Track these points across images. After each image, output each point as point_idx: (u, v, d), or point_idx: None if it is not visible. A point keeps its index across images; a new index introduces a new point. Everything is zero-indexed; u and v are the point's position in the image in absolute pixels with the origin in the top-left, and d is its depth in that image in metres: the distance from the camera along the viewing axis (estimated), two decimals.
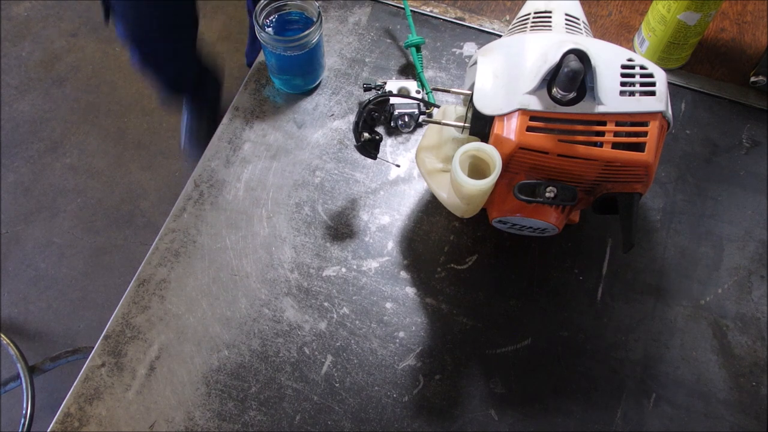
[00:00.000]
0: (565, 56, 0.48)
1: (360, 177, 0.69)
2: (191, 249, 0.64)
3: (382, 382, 0.59)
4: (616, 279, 0.64)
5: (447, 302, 0.62)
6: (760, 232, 0.66)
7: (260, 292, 0.63)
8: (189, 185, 0.68)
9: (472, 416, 0.58)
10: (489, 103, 0.52)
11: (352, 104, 0.73)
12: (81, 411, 0.57)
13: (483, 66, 0.54)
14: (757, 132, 0.72)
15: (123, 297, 0.62)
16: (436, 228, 0.66)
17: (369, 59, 0.76)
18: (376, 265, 0.64)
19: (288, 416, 0.57)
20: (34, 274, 1.52)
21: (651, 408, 0.58)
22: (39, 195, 1.59)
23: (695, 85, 0.74)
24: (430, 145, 0.61)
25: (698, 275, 0.64)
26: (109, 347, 0.60)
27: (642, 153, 0.50)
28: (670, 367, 0.60)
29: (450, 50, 0.76)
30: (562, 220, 0.56)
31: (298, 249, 0.65)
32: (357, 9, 0.79)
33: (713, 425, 0.58)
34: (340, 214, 0.67)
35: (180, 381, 0.59)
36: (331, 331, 0.61)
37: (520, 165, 0.53)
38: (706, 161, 0.70)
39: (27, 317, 1.48)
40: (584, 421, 0.58)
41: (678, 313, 0.62)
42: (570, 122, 0.50)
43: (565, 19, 0.57)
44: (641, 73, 0.51)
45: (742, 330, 0.62)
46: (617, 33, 0.78)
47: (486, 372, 0.59)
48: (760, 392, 0.59)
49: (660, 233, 0.66)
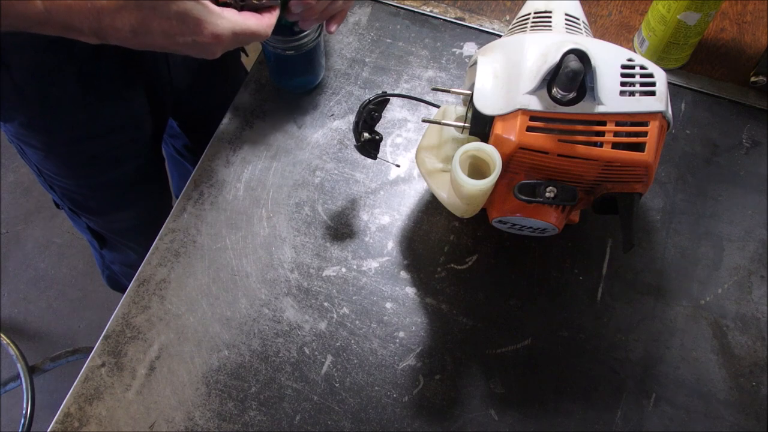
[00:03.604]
0: (565, 56, 0.48)
1: (360, 177, 0.69)
2: (191, 249, 0.64)
3: (382, 382, 0.59)
4: (616, 279, 0.64)
5: (447, 302, 0.62)
6: (760, 232, 0.66)
7: (260, 292, 0.63)
8: (189, 185, 0.68)
9: (472, 416, 0.58)
10: (489, 103, 0.52)
11: (352, 104, 0.73)
12: (81, 411, 0.57)
13: (483, 66, 0.54)
14: (757, 132, 0.72)
15: (123, 297, 0.62)
16: (436, 228, 0.66)
17: (369, 59, 0.76)
18: (376, 265, 0.64)
19: (288, 416, 0.57)
20: (34, 274, 1.52)
21: (651, 408, 0.58)
22: (39, 195, 1.59)
23: (695, 85, 0.74)
24: (430, 145, 0.61)
25: (698, 275, 0.64)
26: (109, 347, 0.60)
27: (642, 153, 0.50)
28: (670, 367, 0.60)
29: (450, 50, 0.76)
30: (562, 220, 0.56)
31: (298, 249, 0.65)
32: (357, 9, 0.79)
33: (713, 425, 0.58)
34: (340, 214, 0.67)
35: (180, 381, 0.59)
36: (331, 331, 0.61)
37: (520, 165, 0.53)
38: (706, 161, 0.70)
39: (27, 317, 1.48)
40: (584, 421, 0.58)
41: (678, 313, 0.62)
42: (570, 122, 0.50)
43: (565, 19, 0.57)
44: (641, 73, 0.51)
45: (742, 330, 0.62)
46: (617, 33, 0.78)
47: (486, 372, 0.59)
48: (760, 392, 0.59)
49: (660, 233, 0.66)
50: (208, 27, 0.49)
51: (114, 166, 0.83)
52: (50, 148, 0.77)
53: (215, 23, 0.49)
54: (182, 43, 0.49)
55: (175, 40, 0.49)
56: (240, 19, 0.52)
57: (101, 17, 0.45)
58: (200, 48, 0.51)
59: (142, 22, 0.47)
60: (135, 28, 0.47)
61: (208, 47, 0.51)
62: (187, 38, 0.49)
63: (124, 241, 1.01)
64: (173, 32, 0.48)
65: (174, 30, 0.48)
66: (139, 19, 0.46)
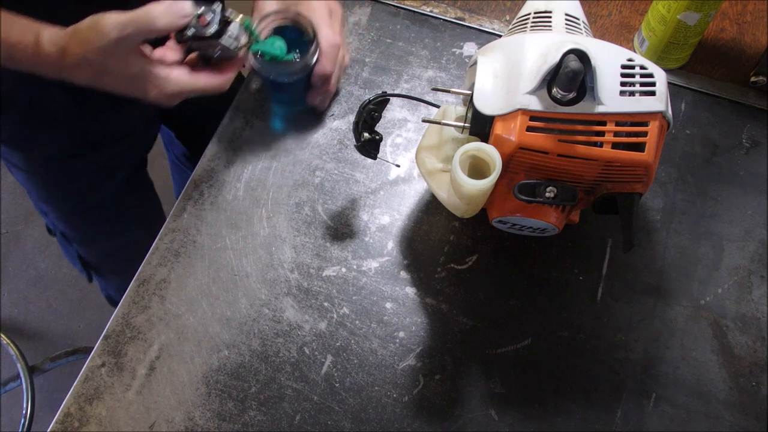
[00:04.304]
0: (565, 56, 0.48)
1: (360, 177, 0.69)
2: (191, 249, 0.64)
3: (382, 382, 0.59)
4: (616, 279, 0.64)
5: (447, 302, 0.62)
6: (760, 232, 0.66)
7: (260, 292, 0.63)
8: (189, 185, 0.68)
9: (472, 416, 0.58)
10: (489, 103, 0.52)
11: (352, 104, 0.73)
12: (81, 411, 0.57)
13: (483, 66, 0.54)
14: (757, 132, 0.72)
15: (123, 297, 0.62)
16: (436, 228, 0.66)
17: (369, 59, 0.76)
18: (376, 265, 0.64)
19: (288, 416, 0.57)
20: (34, 274, 1.52)
21: (651, 408, 0.58)
22: None
23: (695, 85, 0.74)
24: (430, 145, 0.61)
25: (698, 275, 0.64)
26: (109, 347, 0.60)
27: (642, 153, 0.50)
28: (670, 367, 0.60)
29: (450, 50, 0.76)
30: (562, 220, 0.56)
31: (298, 249, 0.65)
32: (357, 9, 0.79)
33: (713, 425, 0.58)
34: (340, 214, 0.67)
35: (180, 381, 0.59)
36: (331, 331, 0.61)
37: (520, 165, 0.53)
38: (706, 161, 0.70)
39: (27, 317, 1.48)
40: (584, 421, 0.58)
41: (678, 313, 0.62)
42: (570, 122, 0.50)
43: (565, 19, 0.57)
44: (641, 73, 0.51)
45: (742, 330, 0.62)
46: (617, 33, 0.78)
47: (486, 372, 0.59)
48: (760, 392, 0.59)
49: (660, 233, 0.66)
50: (153, 90, 0.54)
51: (98, 186, 0.82)
52: (33, 168, 0.77)
53: (161, 86, 0.54)
54: (137, 96, 0.55)
55: (129, 93, 0.54)
56: (188, 81, 0.55)
57: (61, 72, 0.52)
58: (153, 102, 0.55)
59: (96, 79, 0.53)
60: (91, 82, 0.53)
61: (159, 102, 0.55)
62: (138, 95, 0.54)
63: (115, 270, 1.00)
64: (125, 89, 0.54)
65: (124, 88, 0.54)
66: (94, 76, 0.52)
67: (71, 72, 0.52)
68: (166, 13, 0.51)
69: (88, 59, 0.51)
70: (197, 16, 0.54)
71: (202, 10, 0.54)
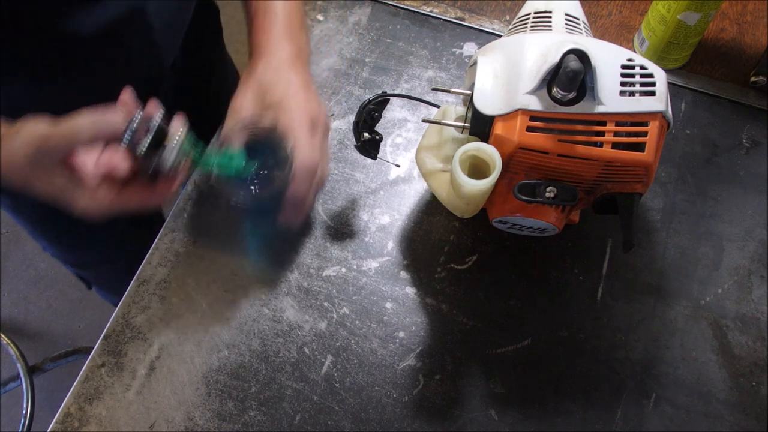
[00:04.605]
0: (565, 56, 0.48)
1: (360, 177, 0.69)
2: (191, 249, 0.64)
3: (382, 382, 0.59)
4: (616, 279, 0.64)
5: (447, 302, 0.62)
6: (760, 232, 0.66)
7: (260, 292, 0.63)
8: (189, 185, 0.68)
9: (472, 416, 0.58)
10: (489, 103, 0.52)
11: (352, 104, 0.73)
12: (81, 411, 0.58)
13: (483, 66, 0.54)
14: (757, 132, 0.72)
15: (123, 297, 0.62)
16: (436, 228, 0.66)
17: (369, 59, 0.76)
18: (376, 265, 0.64)
19: (288, 416, 0.57)
20: (34, 274, 1.52)
21: (651, 408, 0.58)
22: None
23: (695, 85, 0.74)
24: (430, 145, 0.61)
25: (698, 275, 0.64)
26: (109, 347, 0.60)
27: (642, 153, 0.50)
28: (670, 367, 0.60)
29: (450, 50, 0.76)
30: (562, 220, 0.56)
31: (298, 249, 0.65)
32: (357, 9, 0.79)
33: (713, 425, 0.58)
34: (340, 214, 0.67)
35: (180, 381, 0.59)
36: (331, 331, 0.61)
37: (520, 165, 0.53)
38: (706, 161, 0.70)
39: (27, 317, 1.48)
40: (584, 421, 0.58)
41: (678, 313, 0.62)
42: (570, 122, 0.50)
43: (565, 19, 0.57)
44: (641, 73, 0.51)
45: (742, 330, 0.62)
46: (617, 33, 0.78)
47: (486, 372, 0.59)
48: (760, 392, 0.59)
49: (660, 233, 0.66)
50: (78, 206, 0.52)
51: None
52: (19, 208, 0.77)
53: (85, 204, 0.52)
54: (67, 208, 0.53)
55: (59, 203, 0.52)
56: (113, 201, 0.52)
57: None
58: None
59: (27, 184, 0.51)
60: (24, 187, 0.51)
61: (87, 218, 0.53)
62: (67, 207, 0.52)
63: (112, 289, 1.00)
64: (54, 199, 0.52)
65: (53, 198, 0.52)
66: (26, 181, 0.51)
67: (6, 172, 0.50)
68: (90, 128, 0.47)
69: (15, 167, 0.49)
70: (132, 131, 0.48)
71: (136, 123, 0.48)
